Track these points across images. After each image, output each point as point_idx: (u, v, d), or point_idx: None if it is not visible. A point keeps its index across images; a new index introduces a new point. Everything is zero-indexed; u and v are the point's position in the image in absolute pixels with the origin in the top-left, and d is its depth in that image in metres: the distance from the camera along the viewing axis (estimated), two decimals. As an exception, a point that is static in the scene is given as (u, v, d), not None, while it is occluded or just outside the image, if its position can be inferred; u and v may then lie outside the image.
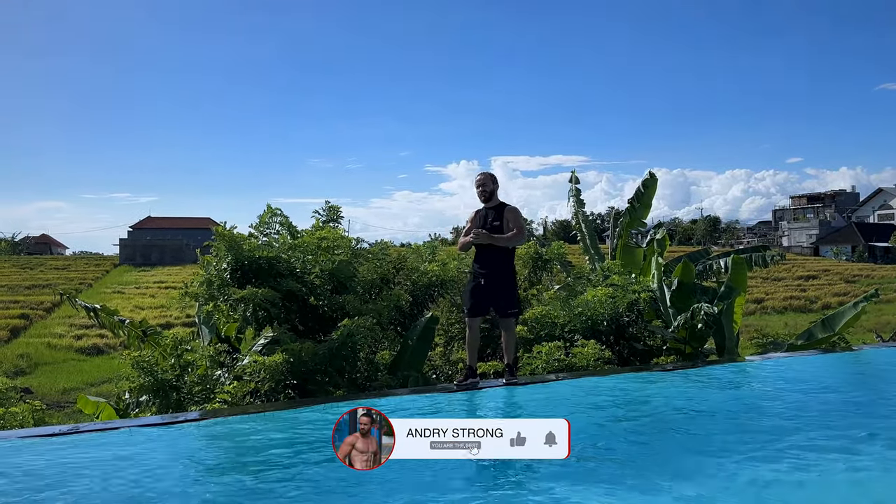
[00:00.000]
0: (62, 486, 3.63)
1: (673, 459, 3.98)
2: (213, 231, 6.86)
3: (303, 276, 6.91)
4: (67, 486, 3.61)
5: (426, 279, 8.49)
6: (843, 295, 39.33)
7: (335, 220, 7.97)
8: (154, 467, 4.00)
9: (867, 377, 6.99)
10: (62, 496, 3.47)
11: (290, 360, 5.85)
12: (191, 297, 6.80)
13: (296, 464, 4.01)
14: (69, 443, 4.48)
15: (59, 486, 3.62)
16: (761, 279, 44.85)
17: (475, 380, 6.07)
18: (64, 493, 3.51)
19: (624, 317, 8.52)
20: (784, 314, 35.35)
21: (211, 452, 4.52)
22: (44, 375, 23.40)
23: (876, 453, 4.01)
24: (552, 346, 7.37)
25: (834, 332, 8.75)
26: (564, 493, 3.44)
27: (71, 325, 30.40)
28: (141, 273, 49.91)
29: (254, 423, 4.86)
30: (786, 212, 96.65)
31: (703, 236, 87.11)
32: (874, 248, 66.32)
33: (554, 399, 5.77)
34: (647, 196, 11.05)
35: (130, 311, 32.43)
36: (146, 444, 4.47)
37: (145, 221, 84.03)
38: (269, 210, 7.31)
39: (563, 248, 10.71)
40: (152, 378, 5.99)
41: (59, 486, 3.61)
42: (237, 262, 6.60)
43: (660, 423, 4.92)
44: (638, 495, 3.43)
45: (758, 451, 4.02)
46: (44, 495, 3.48)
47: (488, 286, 6.04)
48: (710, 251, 12.01)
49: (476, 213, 6.28)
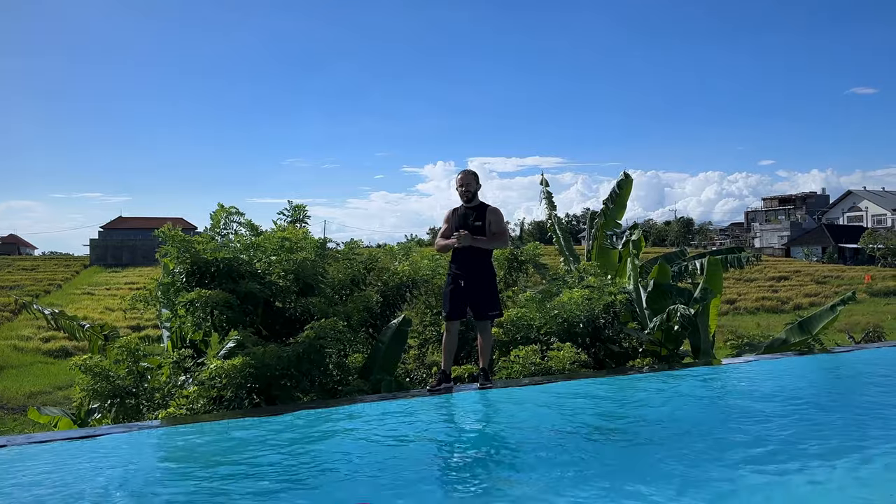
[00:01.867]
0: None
1: (646, 464, 3.85)
2: (157, 232, 6.57)
3: (264, 277, 6.66)
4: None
5: (397, 279, 8.30)
6: (814, 296, 39.93)
7: (301, 220, 7.73)
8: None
9: (843, 379, 6.94)
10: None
11: (252, 363, 5.59)
12: (141, 302, 6.53)
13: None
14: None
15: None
16: (734, 280, 45.33)
17: (449, 384, 5.90)
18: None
19: (600, 319, 8.40)
20: (756, 314, 35.73)
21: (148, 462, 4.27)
22: (9, 379, 22.82)
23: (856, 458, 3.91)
24: (528, 350, 7.24)
25: (811, 334, 8.71)
26: (536, 498, 3.31)
27: (38, 328, 29.67)
28: (112, 274, 49.08)
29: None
30: (758, 213, 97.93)
31: (677, 238, 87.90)
32: (844, 249, 67.41)
33: (528, 403, 5.62)
34: (622, 197, 10.98)
35: (100, 313, 31.82)
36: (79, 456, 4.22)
37: (117, 221, 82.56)
38: (222, 209, 7.04)
39: (539, 250, 10.59)
40: (107, 384, 5.72)
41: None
42: (193, 265, 6.33)
43: (633, 428, 4.80)
44: (611, 501, 3.30)
45: (734, 457, 3.92)
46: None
47: (468, 288, 5.85)
48: (685, 252, 11.95)
49: (454, 212, 6.01)
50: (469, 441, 4.55)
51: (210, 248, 6.58)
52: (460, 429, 4.97)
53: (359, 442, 4.51)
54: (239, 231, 7.16)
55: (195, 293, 6.06)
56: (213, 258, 6.43)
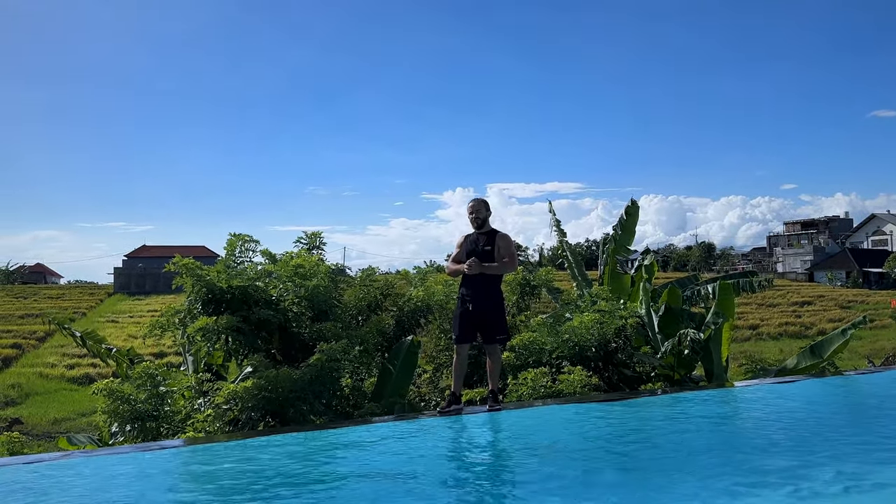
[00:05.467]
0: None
1: (655, 486, 3.92)
2: (169, 266, 6.84)
3: (278, 303, 6.87)
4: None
5: (412, 305, 8.47)
6: (839, 321, 39.27)
7: (317, 247, 7.96)
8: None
9: (853, 403, 6.94)
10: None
11: (264, 386, 5.78)
12: (158, 329, 6.77)
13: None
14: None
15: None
16: (756, 305, 44.88)
17: (459, 406, 6.02)
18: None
19: (612, 343, 8.47)
20: (779, 340, 35.30)
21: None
22: (35, 405, 23.22)
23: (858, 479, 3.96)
24: (538, 373, 7.33)
25: (822, 358, 8.71)
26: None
27: (63, 355, 30.19)
28: (135, 302, 49.72)
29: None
30: (780, 238, 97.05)
31: (698, 263, 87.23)
32: (868, 273, 66.47)
33: (537, 425, 5.71)
34: (630, 222, 11.22)
35: (124, 341, 32.22)
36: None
37: (140, 250, 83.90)
38: (236, 237, 7.29)
39: (552, 275, 10.71)
40: (129, 407, 5.93)
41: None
42: (208, 294, 6.57)
43: (642, 451, 4.86)
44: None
45: (743, 479, 3.97)
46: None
47: (476, 312, 6.00)
48: (698, 277, 12.01)
49: (465, 238, 6.22)
50: (475, 461, 4.66)
51: (224, 277, 6.81)
52: (467, 449, 5.09)
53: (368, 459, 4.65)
54: (255, 259, 7.39)
55: (203, 321, 6.28)
56: (227, 286, 6.66)
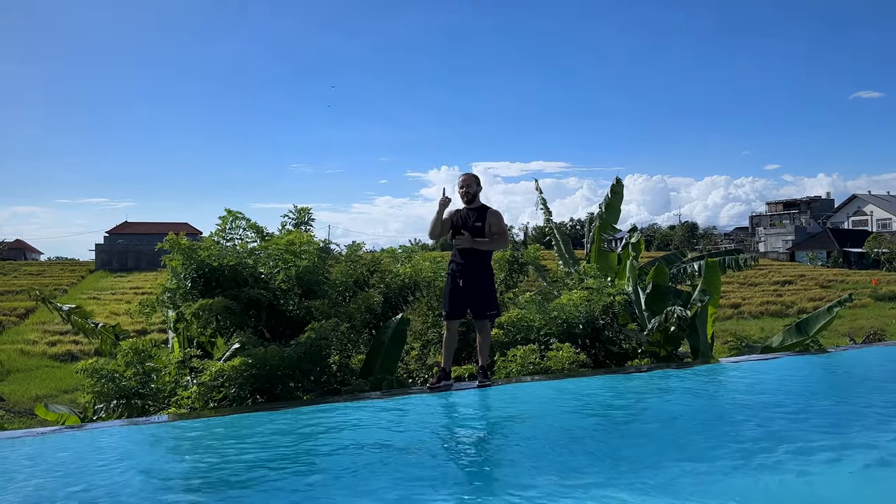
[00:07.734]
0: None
1: (643, 462, 3.94)
2: (162, 244, 6.73)
3: (268, 282, 6.79)
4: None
5: (399, 281, 8.43)
6: (819, 300, 39.84)
7: (305, 223, 7.86)
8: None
9: (838, 377, 7.02)
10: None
11: (252, 364, 5.73)
12: (148, 307, 6.68)
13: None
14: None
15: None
16: (738, 284, 45.33)
17: (448, 382, 6.03)
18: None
19: (599, 320, 8.51)
20: (761, 319, 35.71)
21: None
22: (16, 382, 22.99)
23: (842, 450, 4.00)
24: (527, 350, 7.35)
25: (807, 335, 8.80)
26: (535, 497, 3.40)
27: (45, 332, 29.92)
28: (117, 278, 49.29)
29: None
30: (762, 218, 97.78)
31: (681, 242, 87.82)
32: (848, 253, 67.29)
33: (526, 401, 5.73)
34: (616, 201, 11.32)
35: (106, 317, 31.95)
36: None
37: (122, 226, 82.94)
38: (230, 213, 7.19)
39: (540, 252, 10.71)
40: (114, 385, 5.86)
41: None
42: (198, 271, 6.48)
43: (630, 425, 4.90)
44: (607, 498, 3.39)
45: (729, 454, 4.00)
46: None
47: (466, 288, 5.98)
48: (684, 254, 12.09)
49: (456, 213, 6.15)
50: (466, 435, 4.67)
51: (215, 255, 6.74)
52: (457, 424, 5.10)
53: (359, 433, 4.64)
54: (244, 235, 7.29)
55: (199, 303, 6.22)
56: (217, 265, 6.57)
